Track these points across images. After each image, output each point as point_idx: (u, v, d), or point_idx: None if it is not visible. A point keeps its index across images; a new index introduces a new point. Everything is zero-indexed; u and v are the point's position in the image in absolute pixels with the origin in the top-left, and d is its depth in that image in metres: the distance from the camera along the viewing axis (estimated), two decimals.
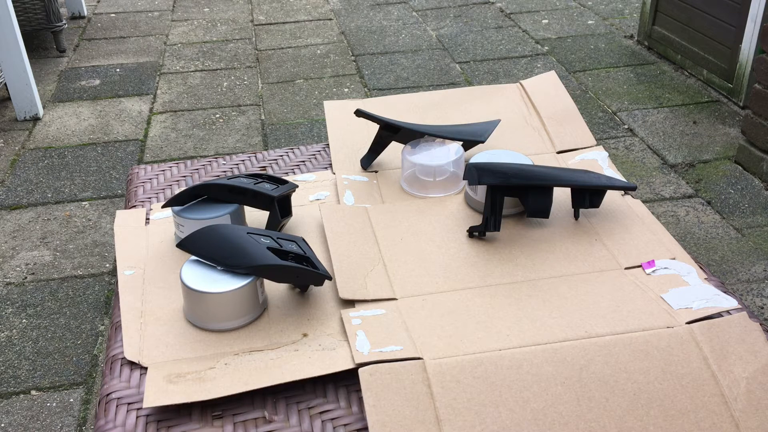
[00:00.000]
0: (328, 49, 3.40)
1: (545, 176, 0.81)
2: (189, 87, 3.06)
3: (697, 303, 0.70)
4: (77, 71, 3.23)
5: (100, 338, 1.74)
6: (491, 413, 0.60)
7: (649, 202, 2.19)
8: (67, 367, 1.66)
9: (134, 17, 3.89)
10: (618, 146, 2.50)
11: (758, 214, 2.12)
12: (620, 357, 0.64)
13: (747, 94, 2.62)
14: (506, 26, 3.59)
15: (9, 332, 1.76)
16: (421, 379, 0.62)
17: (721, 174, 2.32)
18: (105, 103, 2.93)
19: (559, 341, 0.65)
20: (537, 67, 3.13)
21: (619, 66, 3.10)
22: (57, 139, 2.66)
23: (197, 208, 0.80)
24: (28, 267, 1.99)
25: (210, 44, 3.50)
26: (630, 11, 3.72)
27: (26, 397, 1.57)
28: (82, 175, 2.43)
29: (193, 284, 0.69)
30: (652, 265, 0.76)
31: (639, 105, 2.77)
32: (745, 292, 1.83)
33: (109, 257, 2.02)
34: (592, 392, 0.62)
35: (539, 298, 0.72)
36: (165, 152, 2.56)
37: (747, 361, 0.64)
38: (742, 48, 2.62)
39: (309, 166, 1.00)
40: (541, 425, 0.60)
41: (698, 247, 1.99)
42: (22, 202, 2.28)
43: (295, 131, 2.67)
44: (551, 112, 1.04)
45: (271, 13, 3.90)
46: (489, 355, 0.64)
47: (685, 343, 0.65)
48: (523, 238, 0.81)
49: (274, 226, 0.81)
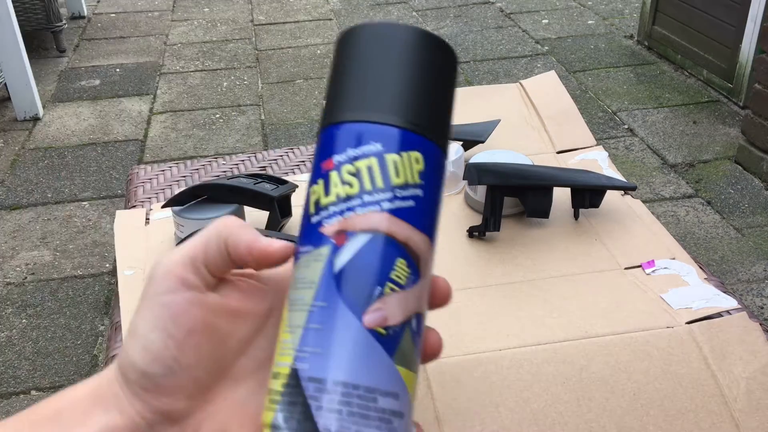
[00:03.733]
0: (328, 49, 3.40)
1: (545, 176, 0.81)
2: (189, 87, 3.06)
3: (697, 303, 0.70)
4: (77, 71, 3.23)
5: (100, 338, 1.74)
6: (491, 413, 0.60)
7: (649, 202, 2.19)
8: (67, 367, 1.66)
9: (134, 17, 3.89)
10: (618, 146, 2.50)
11: (758, 214, 2.12)
12: (620, 357, 0.64)
13: (747, 94, 2.62)
14: (506, 26, 3.59)
15: (9, 332, 1.76)
16: (421, 378, 0.62)
17: (721, 174, 2.32)
18: (105, 103, 2.93)
19: (559, 341, 0.65)
20: (537, 66, 3.13)
21: (619, 66, 3.10)
22: (57, 139, 2.66)
23: (197, 208, 0.80)
24: (28, 267, 1.99)
25: (210, 44, 3.50)
26: (630, 11, 3.72)
27: (26, 397, 1.57)
28: (82, 175, 2.43)
29: None
30: (652, 265, 0.76)
31: (639, 105, 2.77)
32: (745, 292, 1.83)
33: (109, 257, 2.02)
34: (592, 392, 0.62)
35: (539, 298, 0.72)
36: (165, 152, 2.56)
37: (747, 361, 0.64)
38: (742, 48, 2.62)
39: (309, 166, 1.00)
40: (541, 425, 0.60)
41: (698, 247, 1.99)
42: (22, 202, 2.28)
43: (295, 131, 2.67)
44: (551, 112, 1.04)
45: (271, 13, 3.90)
46: (489, 355, 0.64)
47: (685, 343, 0.65)
48: (523, 238, 0.81)
49: (274, 226, 0.81)
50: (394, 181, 0.35)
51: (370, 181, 0.34)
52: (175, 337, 0.34)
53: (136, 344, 0.34)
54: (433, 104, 0.37)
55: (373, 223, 0.34)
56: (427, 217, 0.35)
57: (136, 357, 0.34)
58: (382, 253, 0.34)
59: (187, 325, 0.34)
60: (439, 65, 0.38)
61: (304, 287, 0.34)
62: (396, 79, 0.36)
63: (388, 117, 0.35)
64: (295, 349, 0.33)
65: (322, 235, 0.34)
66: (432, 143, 0.36)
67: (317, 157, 0.37)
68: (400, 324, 0.34)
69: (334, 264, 0.34)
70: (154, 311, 0.34)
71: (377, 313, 0.33)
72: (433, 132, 0.36)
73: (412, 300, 0.34)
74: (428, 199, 0.36)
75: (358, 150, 0.35)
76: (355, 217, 0.34)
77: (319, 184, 0.36)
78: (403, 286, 0.34)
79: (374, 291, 0.33)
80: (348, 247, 0.34)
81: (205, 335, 0.34)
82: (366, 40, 0.37)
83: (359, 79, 0.37)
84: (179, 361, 0.34)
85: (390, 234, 0.34)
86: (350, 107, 0.36)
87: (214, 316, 0.35)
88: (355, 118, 0.36)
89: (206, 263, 0.35)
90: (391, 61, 0.37)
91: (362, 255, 0.34)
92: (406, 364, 0.34)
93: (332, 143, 0.36)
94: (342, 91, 0.37)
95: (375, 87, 0.36)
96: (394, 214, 0.34)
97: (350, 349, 0.33)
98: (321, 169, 0.36)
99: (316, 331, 0.33)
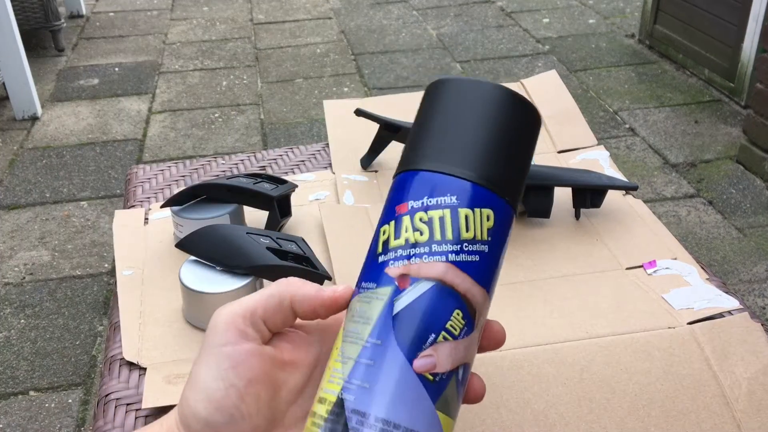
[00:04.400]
0: (327, 48, 3.40)
1: (546, 176, 0.81)
2: (188, 86, 3.05)
3: (698, 303, 0.69)
4: (76, 70, 3.22)
5: (99, 339, 1.74)
6: (492, 414, 0.60)
7: (651, 201, 2.18)
8: (65, 367, 1.66)
9: (133, 16, 3.88)
10: (619, 146, 2.50)
11: (760, 214, 2.12)
12: (621, 358, 0.63)
13: (749, 93, 2.62)
14: (507, 25, 3.58)
15: (7, 332, 1.76)
16: None
17: (722, 174, 2.32)
18: (104, 103, 2.93)
19: (560, 342, 0.65)
20: (538, 66, 3.12)
21: (621, 65, 3.10)
22: (55, 138, 2.66)
23: (196, 208, 0.80)
24: (26, 267, 1.98)
25: (209, 43, 3.50)
26: (631, 10, 3.72)
27: (25, 398, 1.57)
28: (80, 174, 2.42)
29: (192, 284, 0.68)
30: (653, 265, 0.75)
31: (640, 104, 2.77)
32: (746, 292, 1.82)
33: (107, 257, 2.01)
34: (593, 393, 0.61)
35: (540, 298, 0.71)
36: (164, 152, 2.56)
37: (748, 361, 0.63)
38: (743, 47, 2.61)
39: (308, 165, 1.00)
40: (542, 426, 0.59)
41: (700, 247, 1.98)
42: (21, 202, 2.28)
43: (294, 131, 2.67)
44: (552, 112, 1.04)
45: (271, 11, 3.90)
46: (489, 356, 0.63)
47: (686, 343, 0.64)
48: (523, 238, 0.81)
49: (274, 226, 0.80)
50: (463, 234, 0.36)
51: (441, 231, 0.36)
52: (237, 386, 0.35)
53: (199, 394, 0.35)
54: (510, 163, 0.38)
55: (437, 273, 0.35)
56: (488, 273, 0.37)
57: (199, 407, 0.35)
58: (442, 302, 0.35)
59: (248, 375, 0.36)
60: (519, 125, 0.39)
61: (361, 322, 0.36)
62: (477, 136, 0.37)
63: (465, 172, 0.37)
64: (344, 380, 0.35)
65: (386, 275, 0.36)
66: (504, 201, 0.37)
67: (391, 198, 0.38)
68: (447, 372, 0.35)
69: (394, 305, 0.35)
70: (217, 362, 0.36)
71: (428, 359, 0.34)
72: (506, 190, 0.37)
73: (462, 350, 0.36)
74: (493, 255, 0.37)
75: (433, 200, 0.36)
76: (421, 264, 0.35)
77: (390, 225, 0.37)
78: (457, 336, 0.35)
79: (428, 337, 0.35)
80: (410, 291, 0.35)
81: (263, 385, 0.36)
82: (453, 94, 0.39)
83: (442, 132, 0.38)
84: (240, 410, 0.35)
85: (452, 285, 0.35)
86: (430, 157, 0.37)
87: (270, 366, 0.37)
88: (435, 169, 0.37)
89: (264, 319, 0.38)
90: (474, 118, 0.38)
91: (422, 301, 0.35)
92: (447, 411, 0.35)
93: (408, 188, 0.37)
94: (424, 141, 0.38)
95: (456, 141, 0.37)
96: (459, 267, 0.35)
97: (396, 389, 0.34)
98: (394, 212, 0.37)
99: (366, 366, 0.34)
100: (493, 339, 0.39)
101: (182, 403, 0.36)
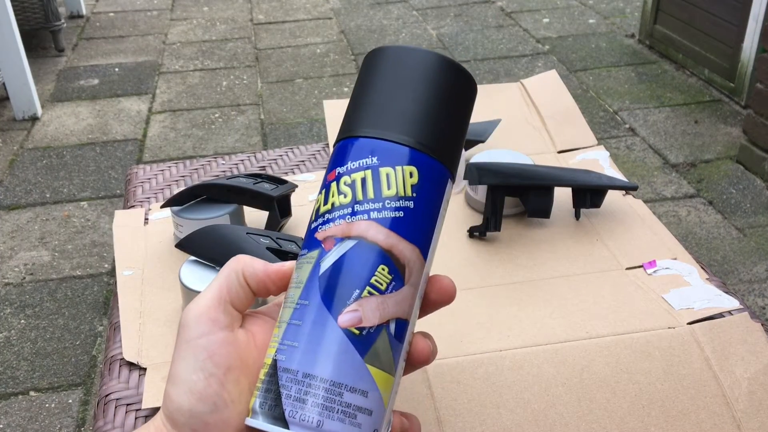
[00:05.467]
0: (327, 48, 3.40)
1: (546, 176, 0.81)
2: (188, 86, 3.05)
3: (698, 303, 0.69)
4: (76, 71, 3.22)
5: (99, 339, 1.74)
6: (492, 414, 0.60)
7: (651, 201, 2.18)
8: (65, 367, 1.66)
9: (133, 16, 3.88)
10: (619, 146, 2.50)
11: (760, 214, 2.12)
12: (621, 358, 0.63)
13: (749, 93, 2.62)
14: (507, 25, 3.58)
15: (8, 333, 1.76)
16: (421, 379, 0.62)
17: (722, 174, 2.32)
18: (104, 103, 2.93)
19: (560, 342, 0.65)
20: (538, 66, 3.12)
21: (621, 65, 3.10)
22: (55, 138, 2.66)
23: (196, 208, 0.80)
24: (26, 267, 1.98)
25: (209, 43, 3.50)
26: (631, 10, 3.72)
27: (25, 398, 1.57)
28: (80, 175, 2.42)
29: (192, 285, 0.68)
30: (653, 265, 0.75)
31: (640, 104, 2.77)
32: (746, 292, 1.82)
33: (107, 257, 2.01)
34: (593, 393, 0.61)
35: (540, 298, 0.71)
36: (164, 152, 2.56)
37: (748, 361, 0.63)
38: (743, 47, 2.61)
39: (308, 165, 1.00)
40: (542, 426, 0.59)
41: (700, 247, 1.98)
42: (21, 202, 2.28)
43: (294, 131, 2.67)
44: (552, 112, 1.04)
45: (271, 12, 3.90)
46: (489, 356, 0.63)
47: (686, 343, 0.64)
48: (523, 239, 0.81)
49: (274, 226, 0.80)
50: (384, 192, 0.37)
51: (362, 191, 0.37)
52: (216, 375, 0.36)
53: (180, 388, 0.36)
54: (436, 121, 0.39)
55: (359, 231, 0.37)
56: (417, 228, 0.37)
57: (182, 400, 0.36)
58: (364, 258, 0.36)
59: (226, 362, 0.37)
60: (443, 84, 0.39)
61: (294, 286, 0.37)
62: (395, 97, 0.39)
63: (384, 132, 0.38)
64: (278, 342, 0.36)
65: (315, 239, 0.38)
66: (427, 157, 0.38)
67: (327, 170, 0.40)
68: (376, 326, 0.36)
69: (320, 266, 0.37)
70: (194, 354, 0.37)
71: (353, 314, 0.35)
72: (432, 147, 0.38)
73: (392, 305, 0.36)
74: (421, 210, 0.38)
75: (355, 163, 0.38)
76: (344, 225, 0.37)
77: (321, 194, 0.39)
78: (383, 291, 0.36)
79: (352, 293, 0.36)
80: (334, 251, 0.37)
81: (241, 370, 0.37)
82: (378, 62, 0.40)
83: (364, 99, 0.40)
84: (223, 397, 0.36)
85: (374, 241, 0.36)
86: (353, 125, 0.39)
87: (246, 351, 0.38)
88: (356, 134, 0.39)
89: (231, 300, 0.39)
90: (395, 81, 0.39)
91: (345, 259, 0.36)
92: (380, 365, 0.36)
93: (335, 157, 0.39)
94: (349, 111, 0.40)
95: (376, 105, 0.39)
96: (381, 223, 0.37)
97: (322, 345, 0.35)
98: (325, 180, 0.39)
99: (296, 327, 0.36)
100: (443, 292, 0.39)
101: (165, 400, 0.37)
